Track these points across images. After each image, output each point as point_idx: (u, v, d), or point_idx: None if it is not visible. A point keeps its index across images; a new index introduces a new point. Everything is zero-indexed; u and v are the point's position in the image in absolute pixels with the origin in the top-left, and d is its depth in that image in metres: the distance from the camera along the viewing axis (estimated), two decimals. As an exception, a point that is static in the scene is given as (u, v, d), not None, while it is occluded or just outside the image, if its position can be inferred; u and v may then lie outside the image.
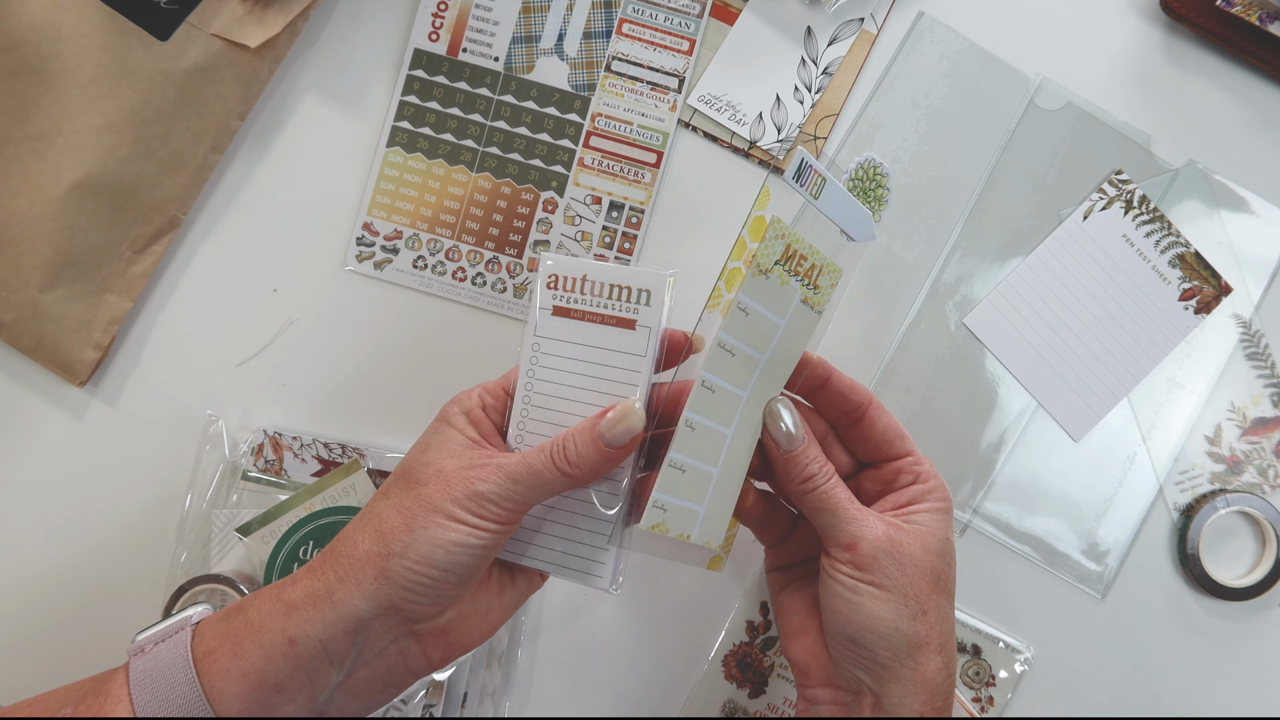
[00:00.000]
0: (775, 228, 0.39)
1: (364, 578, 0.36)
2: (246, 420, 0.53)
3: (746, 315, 0.40)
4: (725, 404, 0.40)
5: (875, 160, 0.43)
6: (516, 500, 0.38)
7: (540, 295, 0.41)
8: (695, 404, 0.39)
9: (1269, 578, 0.54)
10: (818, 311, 0.42)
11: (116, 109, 0.49)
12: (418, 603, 0.37)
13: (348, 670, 0.37)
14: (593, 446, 0.38)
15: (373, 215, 0.54)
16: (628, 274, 0.41)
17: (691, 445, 0.39)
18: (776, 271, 0.40)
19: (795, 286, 0.41)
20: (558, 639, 0.54)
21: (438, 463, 0.38)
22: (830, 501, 0.40)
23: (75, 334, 0.51)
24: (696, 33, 0.55)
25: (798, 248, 0.40)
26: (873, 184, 0.43)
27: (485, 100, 0.55)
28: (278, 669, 0.36)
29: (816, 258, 0.41)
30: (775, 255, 0.40)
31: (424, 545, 0.36)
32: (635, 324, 0.40)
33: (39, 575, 0.52)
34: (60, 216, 0.49)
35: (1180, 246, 0.55)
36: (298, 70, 0.54)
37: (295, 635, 0.36)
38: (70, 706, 0.36)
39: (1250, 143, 0.56)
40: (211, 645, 0.37)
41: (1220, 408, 0.55)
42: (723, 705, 0.54)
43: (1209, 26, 0.54)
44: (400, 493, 0.38)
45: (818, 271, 0.41)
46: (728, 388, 0.40)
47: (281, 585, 0.38)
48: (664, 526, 0.40)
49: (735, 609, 0.54)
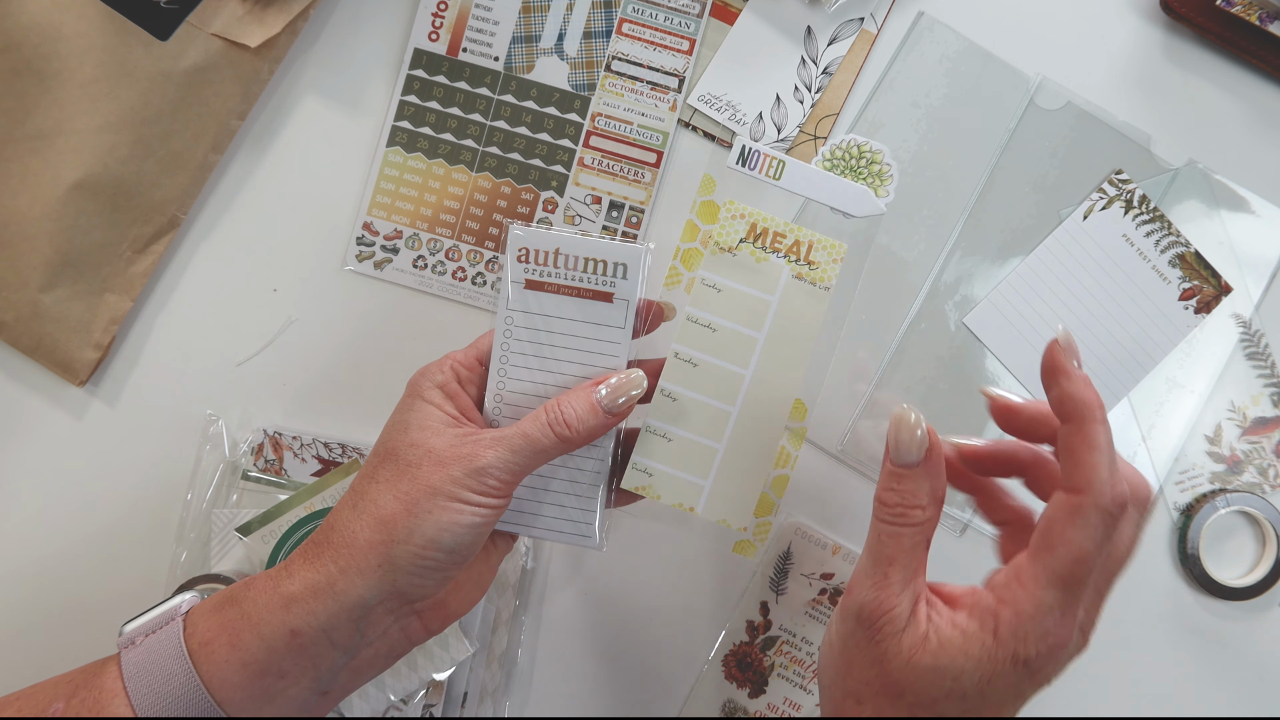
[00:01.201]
0: (729, 208, 0.42)
1: (367, 567, 0.36)
2: (246, 420, 0.53)
3: (719, 292, 0.42)
4: (717, 379, 0.42)
5: (856, 140, 0.43)
6: (515, 471, 0.38)
7: (511, 269, 0.41)
8: (671, 375, 0.42)
9: (1269, 578, 0.54)
10: (823, 288, 0.42)
11: (116, 109, 0.49)
12: (422, 585, 0.37)
13: (351, 652, 0.37)
14: (592, 413, 0.39)
15: (373, 215, 0.54)
16: (602, 247, 0.40)
17: (674, 415, 0.42)
18: (744, 249, 0.42)
19: (779, 263, 0.42)
20: (558, 638, 0.54)
21: (425, 442, 0.38)
22: (876, 542, 0.36)
23: (75, 334, 0.51)
24: (696, 32, 0.55)
25: (767, 225, 0.42)
26: (860, 161, 0.43)
27: (485, 100, 0.55)
28: (280, 658, 0.36)
29: (799, 234, 0.42)
30: (739, 234, 0.42)
31: (429, 529, 0.36)
32: (613, 297, 0.41)
33: (39, 575, 0.52)
34: (60, 216, 0.49)
35: (1180, 246, 0.55)
36: (298, 70, 0.54)
37: (297, 627, 0.36)
38: (62, 701, 0.36)
39: (1250, 143, 0.56)
40: (207, 636, 0.36)
41: (1220, 407, 0.55)
42: (723, 705, 0.54)
43: (1209, 26, 0.54)
44: (393, 476, 0.38)
45: (806, 247, 0.42)
46: (716, 363, 0.42)
47: (277, 576, 0.37)
48: (651, 491, 0.42)
49: (735, 609, 0.54)
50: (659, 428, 0.42)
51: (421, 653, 0.50)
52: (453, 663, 0.50)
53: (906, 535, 0.35)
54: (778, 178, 0.42)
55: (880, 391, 0.54)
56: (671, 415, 0.42)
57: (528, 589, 0.53)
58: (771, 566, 0.54)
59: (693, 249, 0.42)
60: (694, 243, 0.42)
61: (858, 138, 0.43)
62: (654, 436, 0.42)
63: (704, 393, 0.42)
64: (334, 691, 0.38)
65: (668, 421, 0.42)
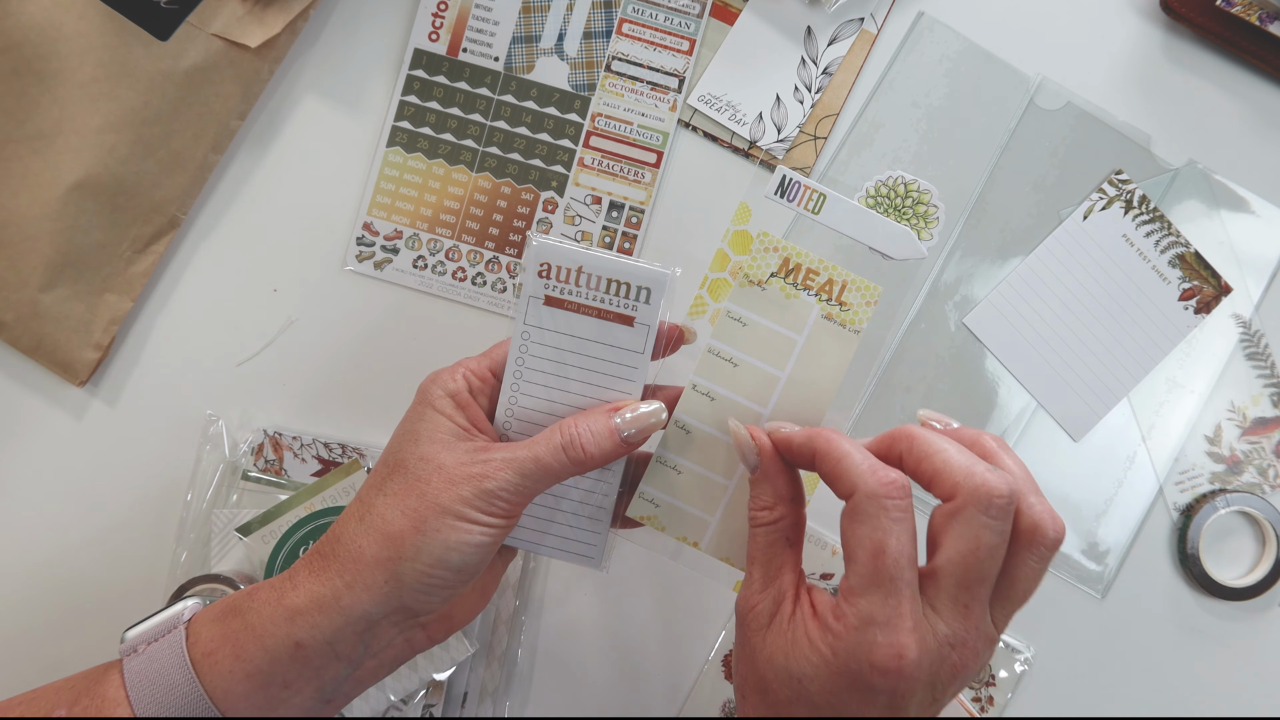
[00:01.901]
0: (763, 240, 0.40)
1: (373, 583, 0.36)
2: (246, 420, 0.53)
3: (744, 326, 0.40)
4: (734, 415, 0.40)
5: (904, 177, 0.41)
6: (525, 493, 0.38)
7: (530, 284, 0.40)
8: (687, 406, 0.40)
9: (1269, 578, 0.54)
10: (853, 330, 0.40)
11: (116, 109, 0.49)
12: (428, 602, 0.37)
13: (355, 664, 0.37)
14: (609, 438, 0.38)
15: (373, 215, 0.54)
16: (627, 269, 0.39)
17: (686, 447, 0.41)
18: (774, 284, 0.40)
19: (809, 300, 0.40)
20: (558, 639, 0.54)
21: (435, 457, 0.37)
22: (749, 549, 0.38)
23: (75, 334, 0.51)
24: (696, 33, 0.55)
25: (801, 261, 0.40)
26: (906, 200, 0.41)
27: (485, 100, 0.55)
28: (284, 669, 0.36)
29: (833, 273, 0.40)
30: (770, 267, 0.40)
31: (437, 549, 0.36)
32: (634, 321, 0.40)
33: (39, 575, 0.52)
34: (60, 216, 0.49)
35: (1180, 246, 0.55)
36: (298, 70, 0.54)
37: (302, 639, 0.36)
38: (64, 707, 0.36)
39: (1250, 143, 0.56)
40: (210, 646, 0.36)
41: (1220, 407, 0.55)
42: (723, 705, 0.54)
43: (1209, 26, 0.54)
44: (401, 490, 0.37)
45: (839, 288, 0.40)
46: (734, 398, 0.40)
47: (281, 587, 0.37)
48: (656, 522, 0.41)
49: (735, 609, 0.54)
50: (670, 459, 0.41)
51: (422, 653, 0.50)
52: (453, 663, 0.50)
53: (760, 535, 0.37)
54: (817, 212, 0.40)
55: (880, 389, 0.54)
56: (684, 447, 0.41)
57: (528, 589, 0.53)
58: (771, 566, 0.54)
59: (721, 279, 0.41)
60: (723, 273, 0.41)
61: (905, 175, 0.41)
62: (664, 468, 0.41)
63: (719, 428, 0.41)
64: (337, 700, 0.38)
65: (679, 454, 0.41)
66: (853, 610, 0.32)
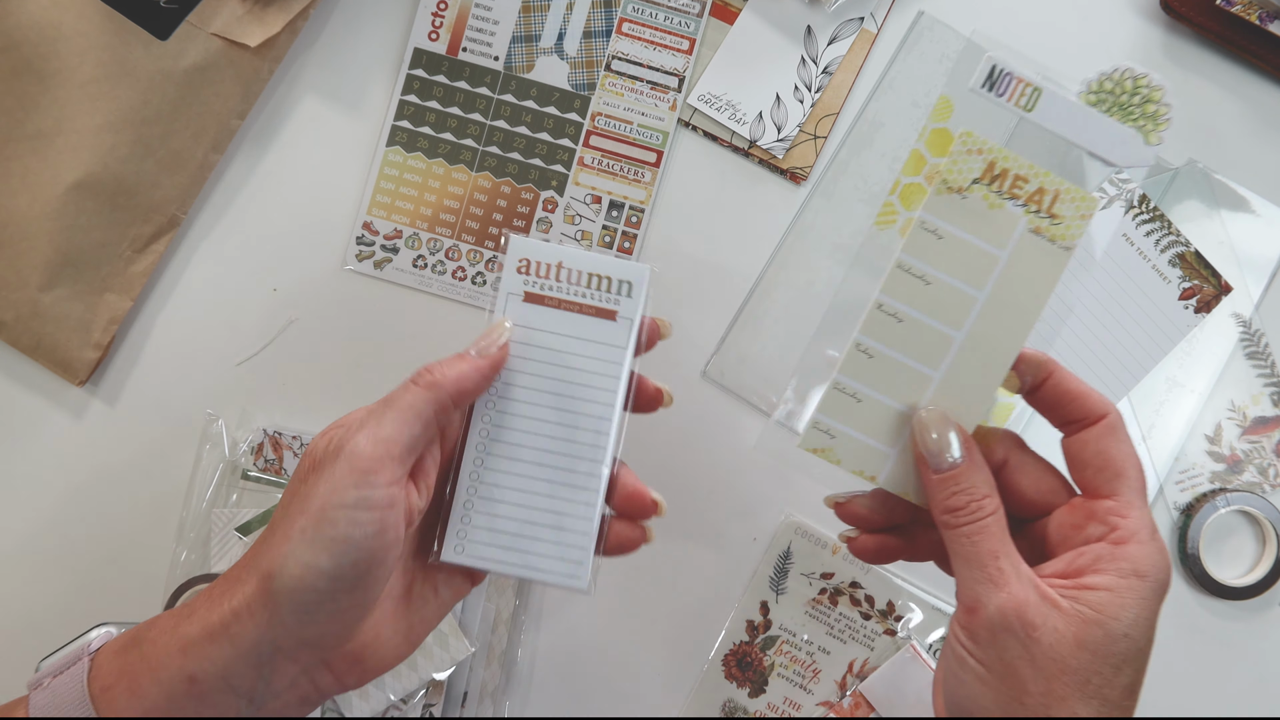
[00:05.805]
0: (965, 140, 0.35)
1: (255, 607, 0.33)
2: (246, 420, 0.53)
3: (939, 239, 0.36)
4: (923, 338, 0.37)
5: (1133, 70, 0.36)
6: (389, 453, 0.34)
7: (508, 280, 0.39)
8: (872, 328, 0.37)
9: (1269, 577, 0.54)
10: (1064, 247, 0.36)
11: (116, 108, 0.49)
12: (314, 623, 0.33)
13: (258, 704, 0.34)
14: (458, 360, 0.36)
15: (373, 214, 0.54)
16: (607, 263, 0.39)
17: (869, 374, 0.37)
18: (977, 191, 0.36)
19: (1015, 212, 0.36)
20: (558, 638, 0.54)
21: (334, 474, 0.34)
22: (968, 547, 0.34)
23: (75, 333, 0.51)
24: (696, 32, 0.55)
25: (1008, 166, 0.36)
26: (1133, 97, 0.37)
27: (485, 99, 0.55)
28: (180, 706, 0.33)
29: (1045, 180, 0.36)
30: (973, 173, 0.36)
31: (304, 553, 0.32)
32: (616, 315, 0.39)
33: (38, 575, 0.52)
34: (60, 216, 0.49)
35: (1180, 246, 0.55)
36: (298, 70, 0.54)
37: (194, 673, 0.33)
38: None
39: (1250, 142, 0.56)
40: (108, 681, 0.34)
41: (1220, 407, 0.55)
42: (723, 705, 0.54)
43: (1209, 26, 0.54)
44: (288, 506, 0.35)
45: (1051, 198, 0.36)
46: (925, 320, 0.36)
47: (178, 617, 0.35)
48: (831, 455, 0.37)
49: (735, 608, 0.54)
50: (849, 386, 0.37)
51: (421, 652, 0.50)
52: (453, 662, 0.50)
53: (992, 525, 0.34)
54: (1030, 109, 0.36)
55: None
56: (865, 373, 0.37)
57: (527, 589, 0.53)
58: (771, 566, 0.54)
59: (915, 184, 0.36)
60: (918, 177, 0.36)
61: (1135, 68, 0.36)
62: (842, 395, 0.37)
63: (906, 353, 0.37)
64: None
65: (861, 380, 0.37)
66: (1137, 523, 0.34)
